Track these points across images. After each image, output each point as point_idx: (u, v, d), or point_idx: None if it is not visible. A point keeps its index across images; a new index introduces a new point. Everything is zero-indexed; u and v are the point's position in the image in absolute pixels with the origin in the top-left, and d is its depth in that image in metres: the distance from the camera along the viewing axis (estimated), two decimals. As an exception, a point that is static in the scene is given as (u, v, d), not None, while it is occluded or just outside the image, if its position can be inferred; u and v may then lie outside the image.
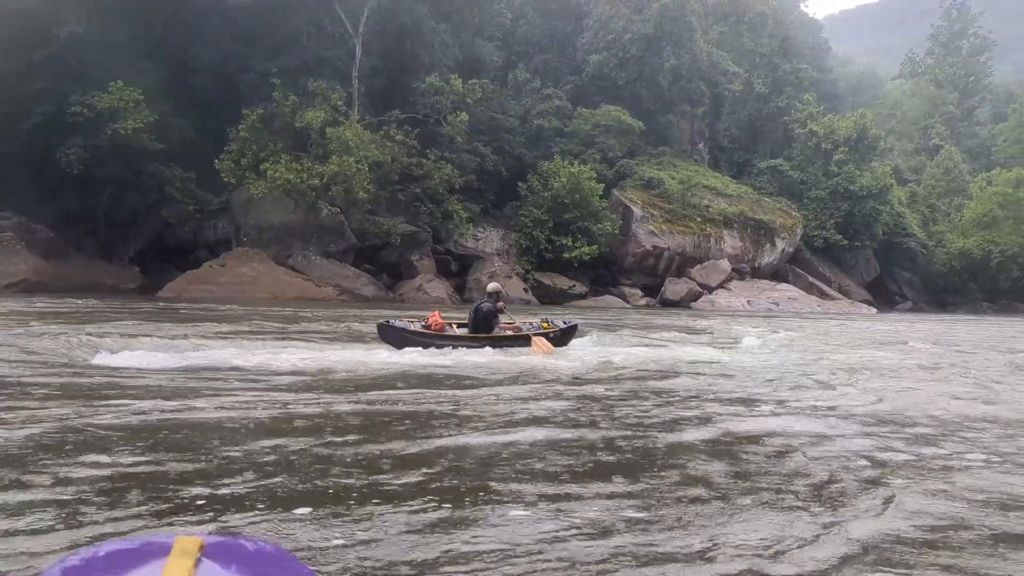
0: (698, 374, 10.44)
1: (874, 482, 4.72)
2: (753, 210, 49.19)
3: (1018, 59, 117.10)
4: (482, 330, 13.11)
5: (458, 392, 7.97)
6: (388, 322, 12.82)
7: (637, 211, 44.24)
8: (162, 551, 0.69)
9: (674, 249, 44.68)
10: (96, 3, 34.41)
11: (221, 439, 5.26)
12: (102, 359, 9.36)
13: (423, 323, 13.06)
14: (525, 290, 39.10)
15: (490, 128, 43.55)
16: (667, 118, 53.52)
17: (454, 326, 13.29)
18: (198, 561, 0.68)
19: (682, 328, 21.51)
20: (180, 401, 6.69)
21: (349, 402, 7.06)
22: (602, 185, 42.89)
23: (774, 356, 13.66)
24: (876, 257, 56.71)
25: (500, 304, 13.69)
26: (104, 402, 6.50)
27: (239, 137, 35.71)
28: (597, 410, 7.09)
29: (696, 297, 43.39)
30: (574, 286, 41.33)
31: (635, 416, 6.82)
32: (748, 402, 7.99)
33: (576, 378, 9.54)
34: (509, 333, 13.40)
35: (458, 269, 40.47)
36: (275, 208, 35.64)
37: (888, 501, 4.30)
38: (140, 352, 9.80)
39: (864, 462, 5.24)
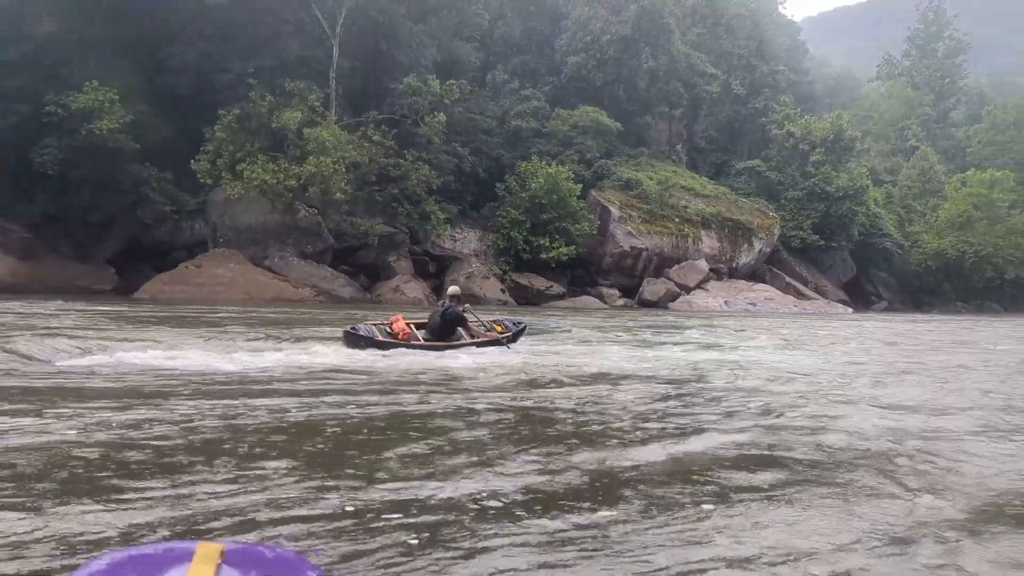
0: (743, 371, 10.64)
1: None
2: (731, 211, 49.56)
3: (991, 61, 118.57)
4: (449, 334, 13.17)
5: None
6: (354, 329, 12.72)
7: (615, 212, 44.47)
8: (185, 556, 0.70)
9: (652, 250, 44.95)
10: (71, 2, 34.19)
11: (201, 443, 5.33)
12: (65, 362, 9.41)
13: (388, 329, 13.03)
14: (502, 291, 39.23)
15: (468, 129, 43.65)
16: (645, 119, 53.81)
17: (419, 333, 13.27)
18: (219, 567, 0.69)
19: (668, 327, 21.74)
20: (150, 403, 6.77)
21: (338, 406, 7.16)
22: (580, 186, 43.08)
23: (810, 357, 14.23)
24: (852, 257, 57.26)
25: (465, 306, 13.81)
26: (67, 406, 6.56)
27: (216, 137, 35.59)
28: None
29: (674, 297, 43.67)
30: (552, 287, 41.49)
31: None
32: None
33: (671, 381, 9.79)
34: (483, 338, 13.50)
35: (435, 270, 40.55)
36: (252, 209, 35.56)
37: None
38: (100, 355, 9.84)
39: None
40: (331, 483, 4.34)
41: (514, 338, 13.79)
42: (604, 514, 3.97)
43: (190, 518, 3.69)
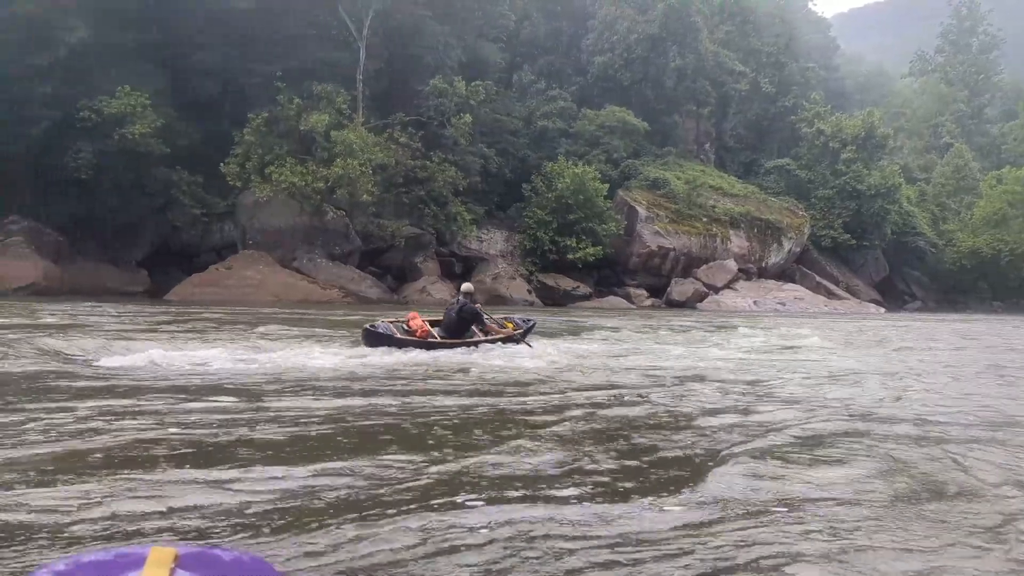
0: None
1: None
2: (760, 210, 49.11)
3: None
4: (464, 331, 13.14)
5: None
6: (373, 327, 12.72)
7: (642, 211, 44.24)
8: (137, 562, 0.69)
9: (680, 249, 44.65)
10: (103, 9, 34.67)
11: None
12: (108, 361, 9.52)
13: (405, 326, 13.03)
14: (529, 291, 39.18)
15: (494, 130, 43.67)
16: (672, 118, 53.48)
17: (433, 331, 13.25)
18: (172, 571, 0.68)
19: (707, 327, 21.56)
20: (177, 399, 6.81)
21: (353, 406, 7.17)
22: (607, 186, 42.92)
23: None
24: (885, 256, 56.50)
25: (478, 304, 13.82)
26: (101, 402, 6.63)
27: (244, 140, 35.96)
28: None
29: (702, 297, 43.34)
30: (578, 287, 41.36)
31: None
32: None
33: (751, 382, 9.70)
34: (501, 334, 13.50)
35: (462, 271, 40.53)
36: (280, 211, 35.86)
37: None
38: (140, 354, 9.95)
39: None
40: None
41: (524, 335, 13.79)
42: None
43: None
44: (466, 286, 14.21)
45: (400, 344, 12.18)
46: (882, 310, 47.33)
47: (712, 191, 48.42)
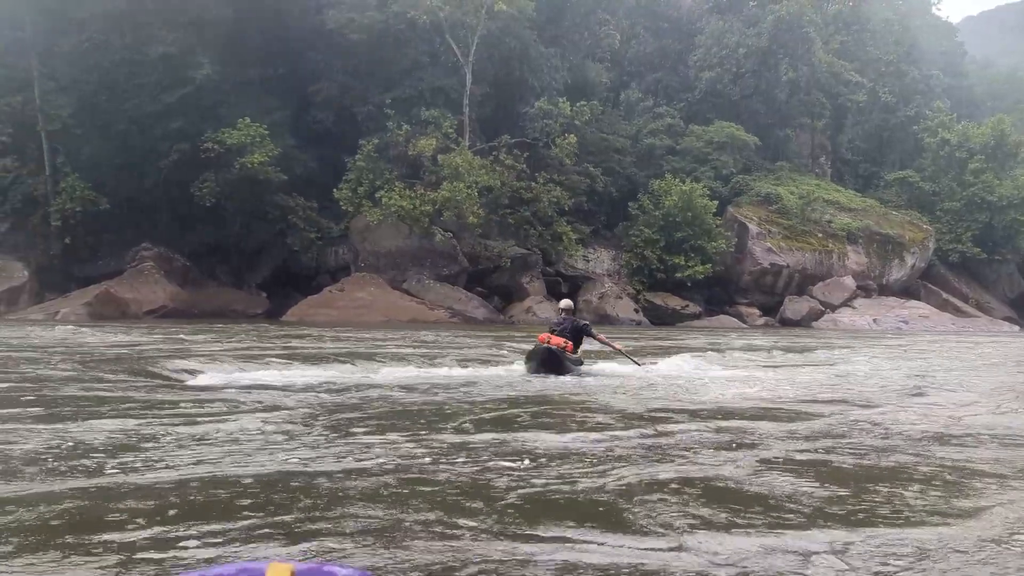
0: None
1: None
2: (879, 224, 47.04)
3: None
4: (579, 345, 13.23)
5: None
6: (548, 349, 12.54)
7: (753, 228, 43.16)
8: None
9: (793, 266, 43.26)
10: (227, 47, 36.87)
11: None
12: (199, 380, 10.11)
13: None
14: (636, 311, 38.82)
15: (600, 149, 43.64)
16: (785, 132, 52.09)
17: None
18: None
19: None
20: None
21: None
22: (716, 202, 42.12)
23: None
24: (1021, 271, 53.03)
25: (585, 321, 13.92)
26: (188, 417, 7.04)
27: (356, 167, 37.34)
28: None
29: (818, 316, 41.82)
30: (687, 306, 40.67)
31: None
32: None
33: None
34: (618, 346, 13.76)
35: (568, 290, 40.43)
36: (390, 234, 36.93)
37: None
38: (235, 372, 10.51)
39: None
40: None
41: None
42: None
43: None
44: (566, 303, 14.28)
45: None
46: (1016, 328, 44.41)
47: (828, 205, 46.74)
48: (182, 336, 19.44)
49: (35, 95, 35.80)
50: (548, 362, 12.07)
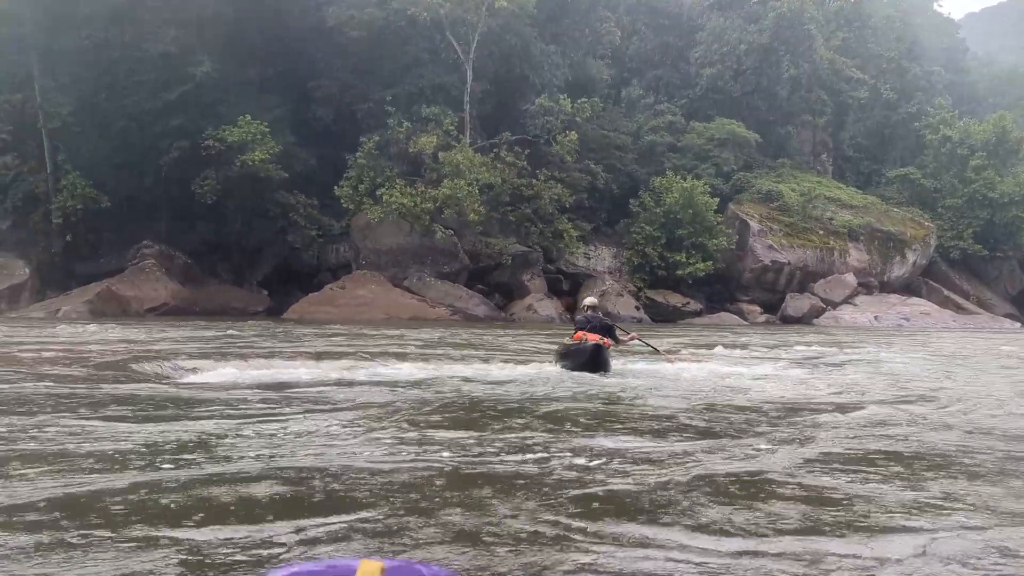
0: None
1: None
2: (881, 221, 46.98)
3: None
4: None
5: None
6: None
7: (754, 225, 43.11)
8: (348, 573, 0.74)
9: (795, 264, 43.22)
10: (227, 43, 36.82)
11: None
12: (192, 377, 10.09)
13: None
14: (637, 308, 38.79)
15: (601, 146, 43.59)
16: (786, 129, 51.99)
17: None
18: None
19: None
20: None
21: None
22: (717, 200, 42.08)
23: None
24: (1022, 268, 52.94)
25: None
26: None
27: (357, 164, 37.32)
28: None
29: (819, 313, 41.79)
30: (688, 303, 40.65)
31: None
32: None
33: None
34: (636, 342, 13.89)
35: (569, 288, 40.55)
36: (391, 232, 36.91)
37: None
38: (228, 369, 10.49)
39: None
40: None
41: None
42: None
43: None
44: (591, 300, 14.28)
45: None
46: (1017, 325, 44.36)
47: (829, 202, 46.68)
48: (209, 334, 19.45)
49: (35, 93, 35.78)
50: (596, 360, 11.75)
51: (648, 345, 13.94)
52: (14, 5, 35.87)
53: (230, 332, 20.61)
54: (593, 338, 12.17)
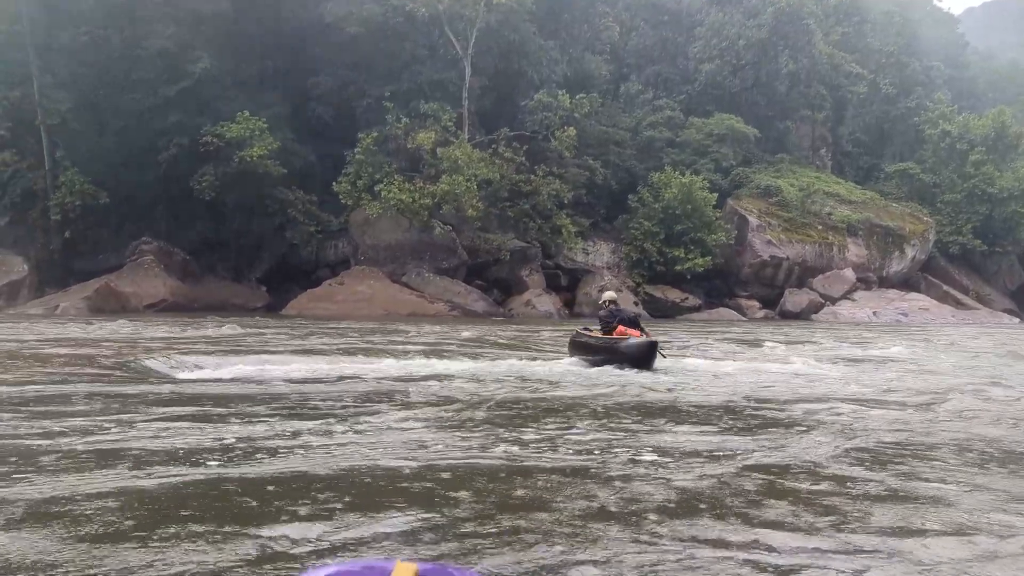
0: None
1: None
2: (880, 216, 46.98)
3: None
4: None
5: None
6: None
7: (753, 220, 43.11)
8: (383, 574, 0.75)
9: (793, 259, 43.22)
10: (226, 40, 36.84)
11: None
12: (189, 373, 10.13)
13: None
14: (636, 303, 38.67)
15: (600, 142, 43.56)
16: (785, 124, 51.93)
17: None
18: None
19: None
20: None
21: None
22: (715, 195, 42.07)
23: None
24: (1022, 263, 52.94)
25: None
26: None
27: (355, 160, 37.31)
28: None
29: (818, 308, 41.81)
30: (687, 299, 40.66)
31: None
32: None
33: None
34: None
35: (567, 283, 40.60)
36: (390, 227, 36.92)
37: None
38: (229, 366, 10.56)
39: None
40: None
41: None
42: None
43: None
44: (611, 294, 14.61)
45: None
46: (1016, 320, 44.38)
47: (828, 198, 46.68)
48: (232, 332, 19.49)
49: (34, 89, 35.75)
50: (651, 356, 11.71)
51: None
52: (13, 2, 35.84)
53: (258, 329, 20.65)
54: (635, 333, 12.30)
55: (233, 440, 5.81)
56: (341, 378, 10.06)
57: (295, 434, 6.13)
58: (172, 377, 10.08)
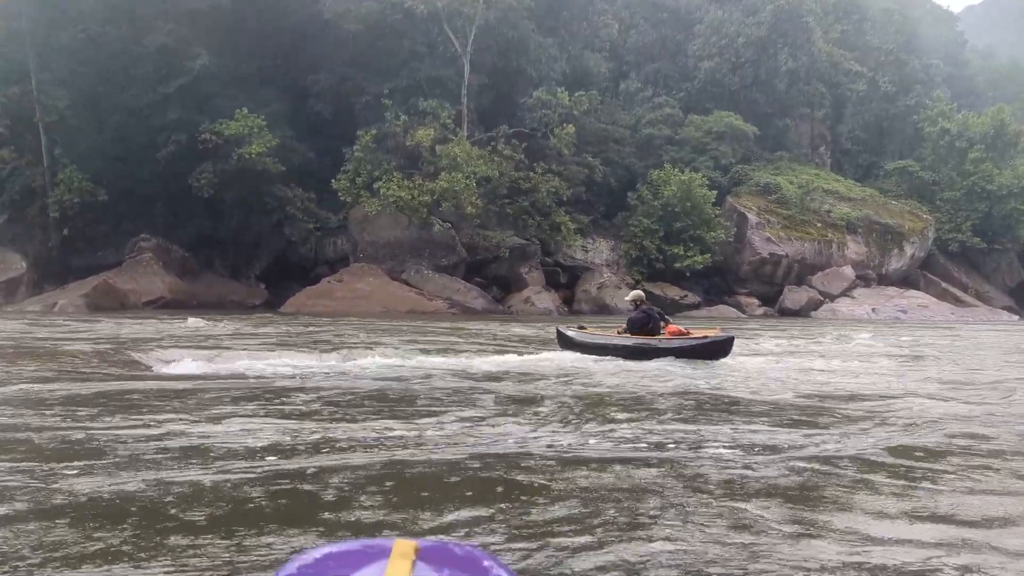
0: None
1: None
2: (879, 214, 46.97)
3: None
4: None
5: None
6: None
7: (752, 217, 43.11)
8: (383, 552, 0.74)
9: (793, 256, 43.22)
10: (224, 37, 36.80)
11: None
12: (165, 368, 10.13)
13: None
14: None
15: (599, 139, 43.53)
16: (784, 122, 51.93)
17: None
18: (414, 563, 0.73)
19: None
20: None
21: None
22: (715, 192, 42.06)
23: None
24: (1021, 261, 52.93)
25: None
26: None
27: (354, 157, 37.27)
28: None
29: (817, 306, 41.80)
30: (686, 296, 40.62)
31: None
32: None
33: None
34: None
35: (567, 280, 40.56)
36: (389, 225, 36.89)
37: None
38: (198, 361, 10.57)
39: None
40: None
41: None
42: None
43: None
44: (639, 292, 15.44)
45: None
46: (1015, 318, 44.36)
47: (827, 195, 46.68)
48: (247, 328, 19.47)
49: (32, 87, 35.72)
50: (727, 349, 12.84)
51: None
52: (12, 1, 35.80)
53: (293, 327, 20.64)
54: (677, 329, 13.32)
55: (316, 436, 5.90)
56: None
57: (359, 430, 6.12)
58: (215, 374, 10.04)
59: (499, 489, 4.49)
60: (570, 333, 15.07)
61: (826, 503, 4.34)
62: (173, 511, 3.92)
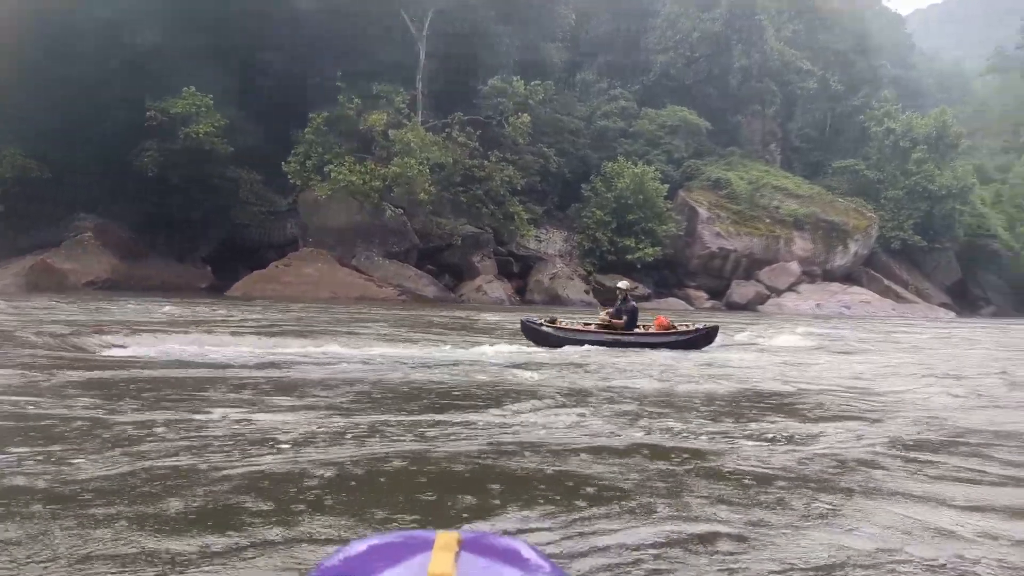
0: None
1: None
2: (825, 211, 47.88)
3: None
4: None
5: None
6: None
7: (703, 212, 43.61)
8: (426, 544, 0.74)
9: (741, 251, 43.87)
10: (172, 12, 35.72)
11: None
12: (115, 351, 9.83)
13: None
14: (587, 292, 38.98)
15: (554, 129, 43.54)
16: (736, 118, 52.58)
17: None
18: (457, 554, 0.73)
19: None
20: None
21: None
22: (667, 186, 42.45)
23: None
24: (958, 259, 54.48)
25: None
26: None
27: (305, 139, 36.66)
28: None
29: (763, 300, 42.54)
30: (636, 288, 40.88)
31: None
32: None
33: None
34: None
35: (519, 270, 40.59)
36: (340, 209, 36.37)
37: None
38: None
39: None
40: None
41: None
42: None
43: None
44: (627, 283, 16.38)
45: None
46: (951, 315, 45.67)
47: (776, 192, 47.44)
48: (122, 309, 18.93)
49: (-31, 59, 34.29)
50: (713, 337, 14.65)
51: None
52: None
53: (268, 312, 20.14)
54: (666, 322, 14.96)
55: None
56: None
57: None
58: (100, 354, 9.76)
59: (537, 480, 4.59)
60: (563, 325, 15.28)
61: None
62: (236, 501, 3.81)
